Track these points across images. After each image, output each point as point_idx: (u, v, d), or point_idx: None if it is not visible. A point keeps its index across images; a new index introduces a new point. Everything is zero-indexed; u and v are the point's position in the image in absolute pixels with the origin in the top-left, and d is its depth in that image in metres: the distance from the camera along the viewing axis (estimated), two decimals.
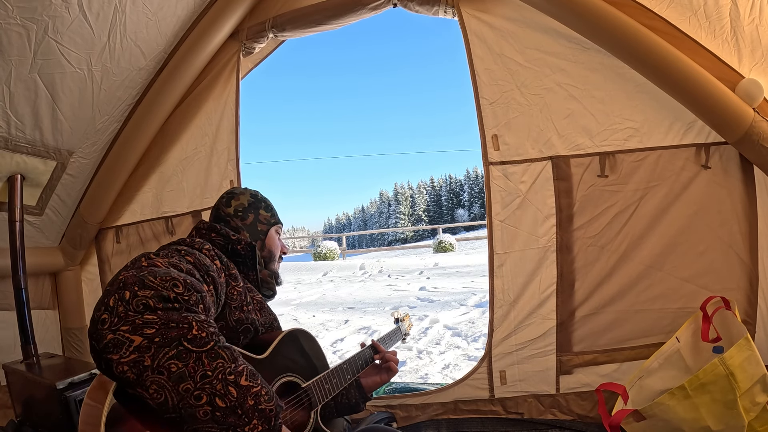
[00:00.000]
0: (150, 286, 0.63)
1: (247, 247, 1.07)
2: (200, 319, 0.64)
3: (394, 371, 1.28)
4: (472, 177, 61.70)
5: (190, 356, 0.60)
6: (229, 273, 0.96)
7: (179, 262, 0.75)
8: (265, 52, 2.41)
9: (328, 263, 10.86)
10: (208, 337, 0.63)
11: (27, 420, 1.83)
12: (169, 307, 0.62)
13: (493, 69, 1.87)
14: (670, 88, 1.63)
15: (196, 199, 2.25)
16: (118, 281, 0.64)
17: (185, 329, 0.61)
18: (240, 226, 1.16)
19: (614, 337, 1.82)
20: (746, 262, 1.72)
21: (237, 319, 0.94)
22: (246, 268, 1.08)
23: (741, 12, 1.52)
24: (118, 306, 0.60)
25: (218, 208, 1.20)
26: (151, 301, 0.61)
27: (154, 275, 0.65)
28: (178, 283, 0.66)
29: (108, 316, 0.59)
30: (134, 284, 0.62)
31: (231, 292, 0.94)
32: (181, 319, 0.62)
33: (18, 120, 1.77)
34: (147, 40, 1.92)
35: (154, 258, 0.73)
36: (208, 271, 0.83)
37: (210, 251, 0.93)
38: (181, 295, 0.65)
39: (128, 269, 0.68)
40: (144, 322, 0.59)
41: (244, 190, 1.25)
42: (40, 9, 1.51)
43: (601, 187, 1.81)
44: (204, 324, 0.64)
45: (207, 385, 0.60)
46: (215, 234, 1.07)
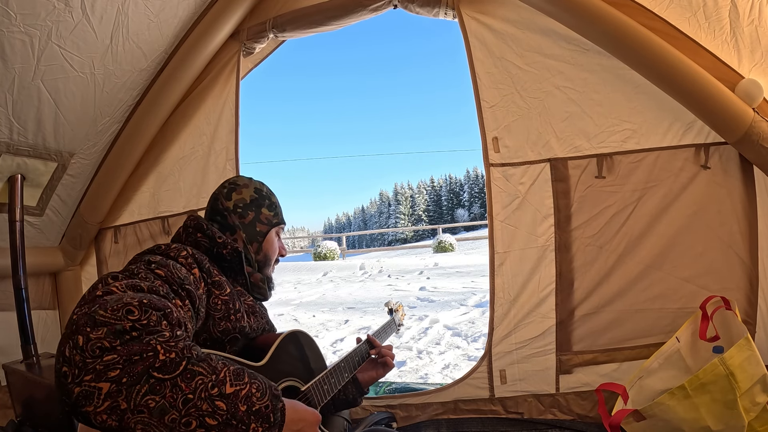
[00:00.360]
0: (101, 323, 0.57)
1: (233, 253, 0.99)
2: (164, 338, 0.59)
3: (390, 366, 1.27)
4: (472, 177, 61.74)
5: (165, 386, 0.56)
6: (211, 281, 0.90)
7: (141, 281, 0.70)
8: (265, 52, 2.42)
9: (328, 263, 10.86)
10: (178, 358, 0.58)
11: (27, 420, 1.84)
12: (126, 339, 0.57)
13: (494, 72, 1.88)
14: (669, 88, 1.64)
15: (193, 199, 2.25)
16: (71, 323, 0.59)
17: (150, 358, 0.56)
18: (237, 224, 1.07)
19: (614, 337, 1.83)
20: (746, 262, 1.72)
21: (223, 329, 0.90)
22: (233, 272, 1.02)
23: (740, 13, 1.52)
24: (74, 355, 0.55)
25: (217, 199, 1.11)
26: (106, 341, 0.56)
27: (105, 307, 0.59)
28: (132, 308, 0.60)
29: (68, 368, 0.55)
30: (86, 325, 0.57)
31: (214, 302, 0.89)
32: (143, 348, 0.57)
33: (20, 126, 1.78)
34: (149, 42, 1.92)
35: (112, 283, 0.67)
36: (183, 285, 0.78)
37: (187, 258, 0.86)
38: (137, 321, 0.59)
39: (82, 304, 0.62)
40: (105, 365, 0.55)
41: (248, 181, 1.14)
42: (44, 14, 1.52)
43: (599, 188, 1.82)
44: (170, 343, 0.59)
45: (192, 409, 0.57)
46: (201, 234, 0.99)
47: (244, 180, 1.15)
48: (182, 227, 1.03)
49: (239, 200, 1.09)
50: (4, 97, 1.65)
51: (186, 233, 1.01)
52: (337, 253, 12.87)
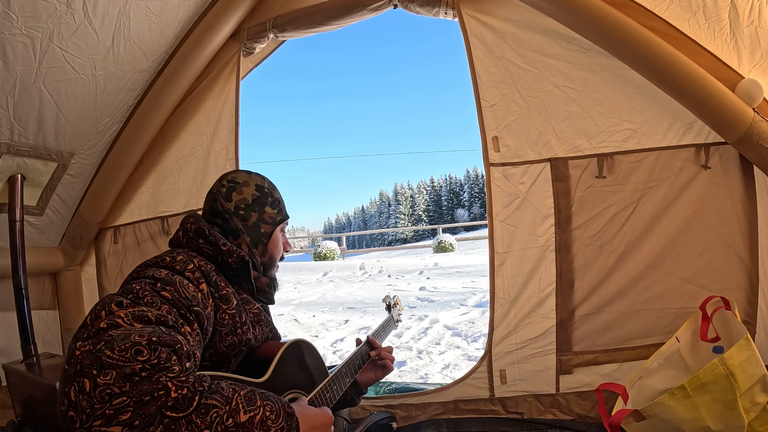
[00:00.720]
0: (109, 366, 0.55)
1: (239, 262, 0.94)
2: (174, 374, 0.57)
3: (389, 369, 1.24)
4: (472, 177, 61.75)
5: (180, 424, 0.55)
6: (218, 295, 0.86)
7: (148, 309, 0.66)
8: (265, 52, 2.42)
9: (328, 263, 10.86)
10: (190, 393, 0.57)
11: (27, 420, 1.83)
12: (136, 381, 0.55)
13: (494, 72, 1.88)
14: (669, 88, 1.64)
15: (192, 199, 2.25)
16: (74, 360, 0.56)
17: (162, 397, 0.55)
18: (240, 228, 1.00)
19: (614, 337, 1.83)
20: (746, 262, 1.72)
21: (229, 344, 0.87)
22: (239, 279, 0.97)
23: (740, 14, 1.52)
24: (80, 401, 0.53)
25: (215, 200, 1.03)
26: (115, 387, 0.54)
27: (112, 347, 0.56)
28: (142, 348, 0.57)
29: (74, 413, 0.53)
30: (92, 366, 0.54)
31: (221, 317, 0.86)
32: (154, 387, 0.55)
33: (21, 127, 1.78)
34: (150, 42, 1.92)
35: (116, 311, 0.64)
36: (191, 307, 0.75)
37: (194, 273, 0.82)
38: (147, 362, 0.57)
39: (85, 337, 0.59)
40: (115, 410, 0.53)
41: (248, 177, 1.06)
42: (45, 17, 1.51)
43: (599, 188, 1.81)
44: (180, 378, 0.57)
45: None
46: (203, 240, 0.92)
47: (244, 176, 1.06)
48: (181, 230, 0.96)
49: (240, 201, 1.02)
50: (5, 100, 1.65)
51: (186, 237, 0.95)
52: (337, 253, 12.87)
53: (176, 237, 0.97)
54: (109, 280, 2.45)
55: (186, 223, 0.96)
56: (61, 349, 2.45)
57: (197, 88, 2.18)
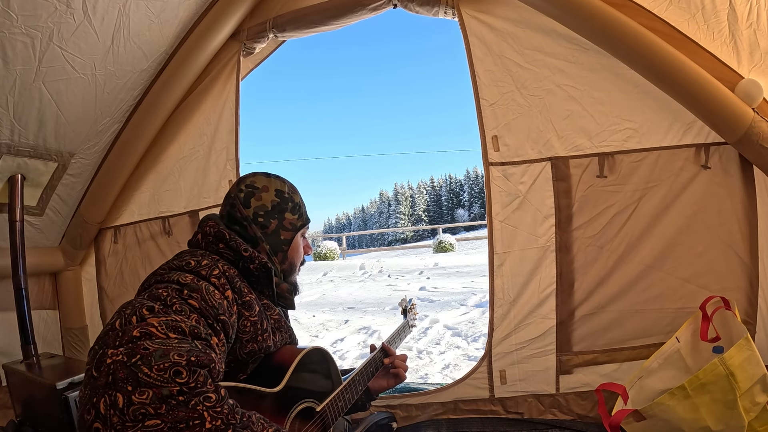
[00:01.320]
0: (146, 384, 0.53)
1: (261, 268, 0.91)
2: (211, 402, 0.56)
3: (402, 378, 1.23)
4: (472, 177, 61.75)
5: None
6: (242, 301, 0.84)
7: (180, 319, 0.65)
8: (265, 52, 2.42)
9: (328, 263, 10.86)
10: (223, 425, 0.56)
11: (27, 420, 1.83)
12: (172, 404, 0.54)
13: (493, 70, 1.87)
14: (669, 88, 1.64)
15: (193, 199, 2.25)
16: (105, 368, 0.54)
17: (197, 427, 0.54)
18: (259, 236, 0.96)
19: (614, 337, 1.83)
20: (746, 262, 1.72)
21: (249, 351, 0.86)
22: (260, 285, 0.95)
23: (739, 16, 1.52)
24: (111, 415, 0.52)
25: (233, 206, 0.98)
26: (151, 408, 0.52)
27: (149, 363, 0.54)
28: (181, 370, 0.56)
29: (101, 425, 0.52)
30: (127, 382, 0.53)
31: (243, 324, 0.84)
32: (190, 415, 0.54)
33: (21, 127, 1.78)
34: (150, 42, 1.92)
35: (149, 318, 0.62)
36: (218, 317, 0.74)
37: (219, 279, 0.80)
38: (185, 384, 0.55)
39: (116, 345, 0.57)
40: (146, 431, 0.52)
41: (267, 182, 1.01)
42: (45, 16, 1.51)
43: (600, 188, 1.81)
44: (216, 409, 0.57)
45: None
46: (224, 245, 0.90)
47: (263, 181, 1.01)
48: (200, 232, 0.94)
49: (259, 207, 0.98)
50: (5, 99, 1.65)
51: (206, 241, 0.92)
52: (337, 253, 12.87)
53: (195, 239, 0.95)
54: (108, 281, 2.45)
55: (205, 225, 0.94)
56: (61, 349, 2.45)
57: (197, 88, 2.18)
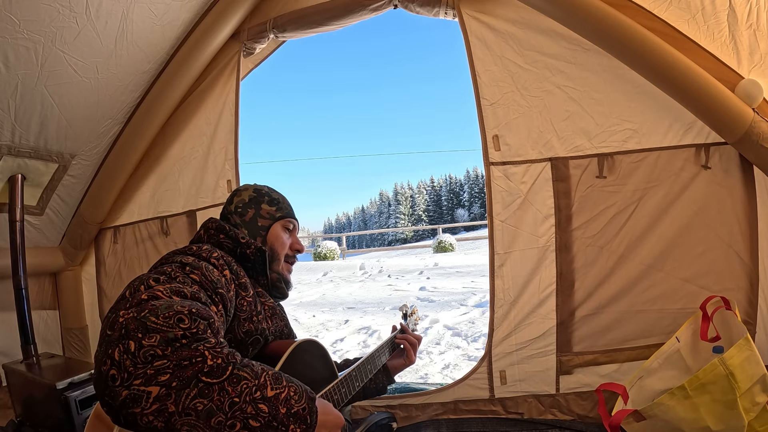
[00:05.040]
0: (154, 330, 0.59)
1: (257, 252, 1.02)
2: (211, 344, 0.62)
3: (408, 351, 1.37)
4: (472, 177, 61.75)
5: (213, 389, 0.59)
6: (238, 282, 0.92)
7: (183, 286, 0.72)
8: (265, 52, 2.42)
9: (328, 263, 10.86)
10: (224, 362, 0.61)
11: (27, 420, 1.84)
12: (177, 346, 0.59)
13: (494, 70, 1.88)
14: (669, 88, 1.64)
15: (192, 199, 2.25)
16: (119, 326, 0.60)
17: (199, 363, 0.59)
18: (238, 222, 1.11)
19: (614, 338, 1.83)
20: (746, 262, 1.72)
21: (246, 330, 0.91)
22: (256, 272, 1.04)
23: (738, 17, 1.52)
24: (124, 360, 0.57)
25: (224, 206, 1.17)
26: (158, 349, 0.58)
27: (156, 314, 0.61)
28: (184, 317, 0.62)
29: (116, 371, 0.57)
30: (137, 330, 0.59)
31: (240, 303, 0.91)
32: (193, 353, 0.59)
33: (22, 129, 1.79)
34: (151, 44, 1.92)
35: (155, 286, 0.69)
36: (216, 289, 0.80)
37: (219, 260, 0.88)
38: (188, 330, 0.61)
39: (127, 307, 0.63)
40: (156, 370, 0.57)
41: (248, 186, 1.19)
42: (48, 20, 1.52)
43: (600, 188, 1.81)
44: (216, 349, 0.62)
45: (238, 412, 0.60)
46: (224, 236, 1.02)
47: (245, 185, 1.20)
48: (202, 229, 1.05)
49: (239, 201, 1.14)
50: (7, 103, 1.65)
51: (207, 235, 1.03)
52: (337, 253, 12.86)
53: (197, 236, 1.05)
54: (108, 281, 2.45)
55: (207, 223, 1.06)
56: (61, 349, 2.45)
57: (198, 89, 2.18)
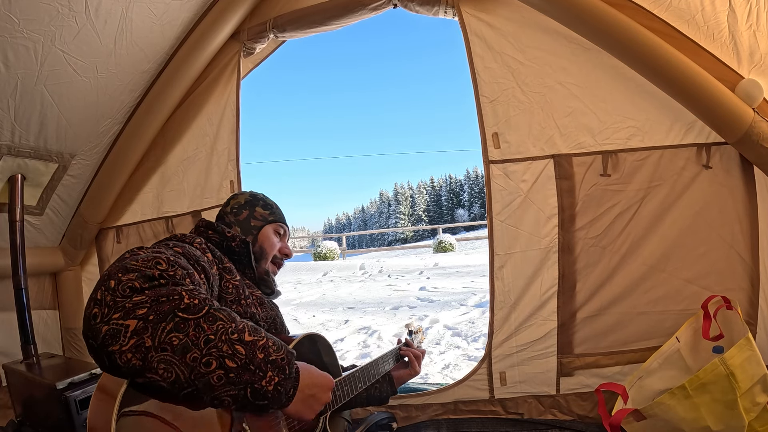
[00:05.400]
0: (133, 269, 0.63)
1: (242, 244, 1.08)
2: (189, 288, 0.64)
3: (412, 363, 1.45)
4: (472, 177, 61.72)
5: (188, 324, 0.60)
6: (222, 266, 0.96)
7: (165, 251, 0.75)
8: (265, 52, 2.41)
9: (328, 263, 10.85)
10: (201, 303, 0.63)
11: (27, 420, 1.83)
12: (155, 284, 0.62)
13: (493, 67, 1.86)
14: (669, 88, 1.63)
15: (197, 199, 2.24)
16: (102, 276, 0.64)
17: (176, 300, 0.61)
18: (233, 221, 1.19)
19: (616, 340, 1.81)
20: (747, 262, 1.72)
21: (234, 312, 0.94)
22: (242, 265, 1.09)
23: (738, 17, 1.51)
24: (105, 296, 0.60)
25: (221, 209, 1.25)
26: (137, 282, 0.61)
27: (136, 259, 0.65)
28: (161, 261, 0.66)
29: (98, 309, 0.59)
30: (117, 271, 0.62)
31: (226, 286, 0.94)
32: (170, 291, 0.62)
33: (22, 129, 1.78)
34: (151, 44, 1.92)
35: (138, 251, 0.73)
36: (198, 261, 0.83)
37: (201, 244, 0.92)
38: (165, 272, 0.65)
39: (113, 264, 0.68)
40: (134, 304, 0.59)
41: (246, 192, 1.28)
42: (47, 20, 1.51)
43: (604, 187, 1.79)
44: (194, 292, 0.64)
45: (213, 349, 0.60)
46: (212, 231, 1.09)
47: (242, 191, 1.29)
48: (194, 228, 1.13)
49: (235, 203, 1.23)
50: (6, 102, 1.65)
51: (197, 232, 1.11)
52: (337, 253, 12.86)
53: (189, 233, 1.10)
54: None
55: (198, 222, 1.15)
56: (61, 349, 2.45)
57: (198, 89, 2.18)
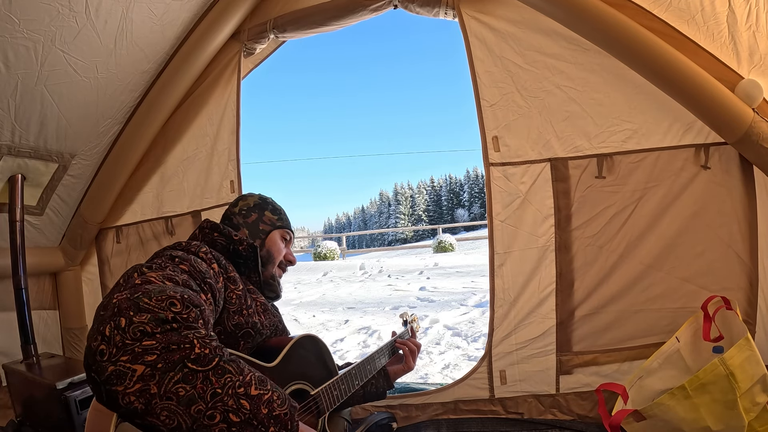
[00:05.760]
0: (146, 309, 0.60)
1: (249, 248, 1.05)
2: (201, 335, 0.62)
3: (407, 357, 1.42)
4: (472, 177, 61.74)
5: (197, 377, 0.59)
6: (227, 276, 0.94)
7: (174, 274, 0.73)
8: (266, 52, 2.42)
9: (328, 263, 10.86)
10: (211, 354, 0.61)
11: (27, 420, 1.84)
12: (167, 328, 0.60)
13: (494, 71, 1.88)
14: (669, 88, 1.64)
15: (197, 200, 2.25)
16: (112, 305, 0.61)
17: (187, 349, 0.59)
18: (241, 222, 1.16)
19: (614, 337, 1.83)
20: (746, 262, 1.73)
21: (236, 323, 0.92)
22: (248, 269, 1.06)
23: (738, 18, 1.52)
24: (114, 335, 0.57)
25: (227, 209, 1.22)
26: (149, 326, 0.59)
27: (149, 296, 0.62)
28: (175, 301, 0.63)
29: (105, 346, 0.57)
30: (129, 308, 0.60)
31: (229, 296, 0.92)
32: (182, 339, 0.60)
33: (22, 129, 1.79)
34: (151, 44, 1.92)
35: (148, 273, 0.70)
36: (205, 279, 0.81)
37: (207, 254, 0.90)
38: (179, 314, 0.62)
39: (121, 290, 0.65)
40: (144, 349, 0.57)
41: (253, 194, 1.26)
42: (48, 20, 1.52)
43: (599, 188, 1.81)
44: (206, 339, 0.62)
45: (219, 403, 0.59)
46: (218, 234, 1.06)
47: (251, 193, 1.27)
48: (198, 229, 1.09)
49: (244, 205, 1.20)
50: (7, 102, 1.65)
51: (202, 234, 1.07)
52: (337, 253, 12.86)
53: (193, 235, 1.09)
54: (113, 280, 2.45)
55: (202, 223, 1.10)
56: (61, 349, 2.45)
57: (199, 89, 2.18)
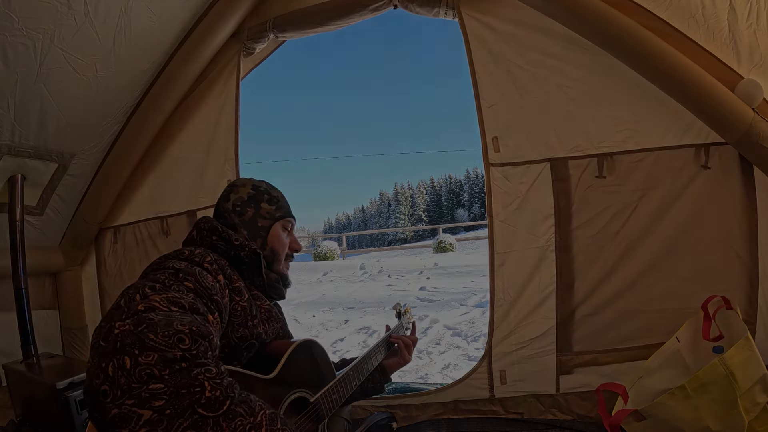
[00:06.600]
0: (152, 348, 0.56)
1: (252, 255, 0.99)
2: (211, 374, 0.59)
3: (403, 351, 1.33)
4: (472, 177, 61.70)
5: (207, 423, 0.56)
6: (232, 287, 0.89)
7: (179, 296, 0.69)
8: (265, 52, 2.42)
9: (328, 263, 10.86)
10: (222, 395, 0.58)
11: (27, 420, 1.84)
12: (176, 368, 0.56)
13: (494, 72, 1.88)
14: (669, 88, 1.64)
15: (191, 199, 2.25)
16: (114, 338, 0.57)
17: (197, 393, 0.56)
18: (237, 222, 1.06)
19: (614, 337, 1.83)
20: (746, 262, 1.72)
21: (240, 336, 0.90)
22: (251, 273, 1.01)
23: (739, 17, 1.52)
24: (118, 377, 0.54)
25: (219, 203, 1.12)
26: (156, 368, 0.55)
27: (155, 330, 0.58)
28: (184, 336, 0.59)
29: (108, 387, 0.54)
30: (134, 346, 0.56)
31: (234, 308, 0.89)
32: (191, 382, 0.56)
33: (22, 128, 1.78)
34: (151, 43, 1.92)
35: (151, 295, 0.65)
36: (212, 296, 0.78)
37: (212, 264, 0.86)
38: (188, 350, 0.58)
39: (123, 317, 0.60)
40: (151, 393, 0.54)
41: (246, 180, 1.14)
42: (46, 18, 1.51)
43: (599, 188, 1.81)
44: (216, 380, 0.59)
45: None
46: (216, 237, 0.98)
47: (242, 180, 1.14)
48: (195, 229, 1.01)
49: (237, 199, 1.09)
50: (6, 101, 1.65)
51: (200, 236, 0.99)
52: (337, 253, 12.86)
53: (190, 237, 1.02)
54: (109, 280, 2.45)
55: (200, 223, 1.02)
56: (61, 349, 2.45)
57: (198, 88, 2.18)
